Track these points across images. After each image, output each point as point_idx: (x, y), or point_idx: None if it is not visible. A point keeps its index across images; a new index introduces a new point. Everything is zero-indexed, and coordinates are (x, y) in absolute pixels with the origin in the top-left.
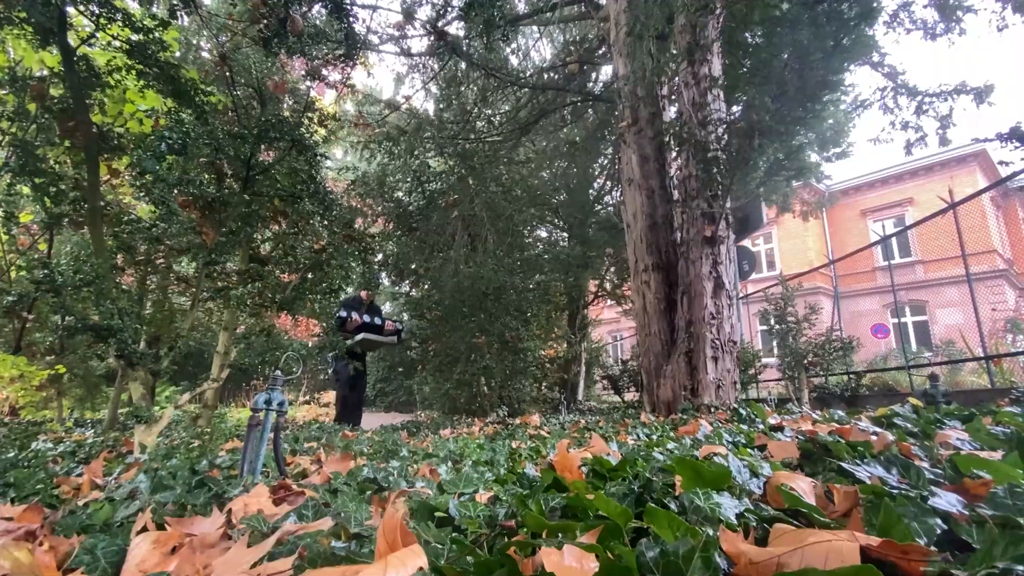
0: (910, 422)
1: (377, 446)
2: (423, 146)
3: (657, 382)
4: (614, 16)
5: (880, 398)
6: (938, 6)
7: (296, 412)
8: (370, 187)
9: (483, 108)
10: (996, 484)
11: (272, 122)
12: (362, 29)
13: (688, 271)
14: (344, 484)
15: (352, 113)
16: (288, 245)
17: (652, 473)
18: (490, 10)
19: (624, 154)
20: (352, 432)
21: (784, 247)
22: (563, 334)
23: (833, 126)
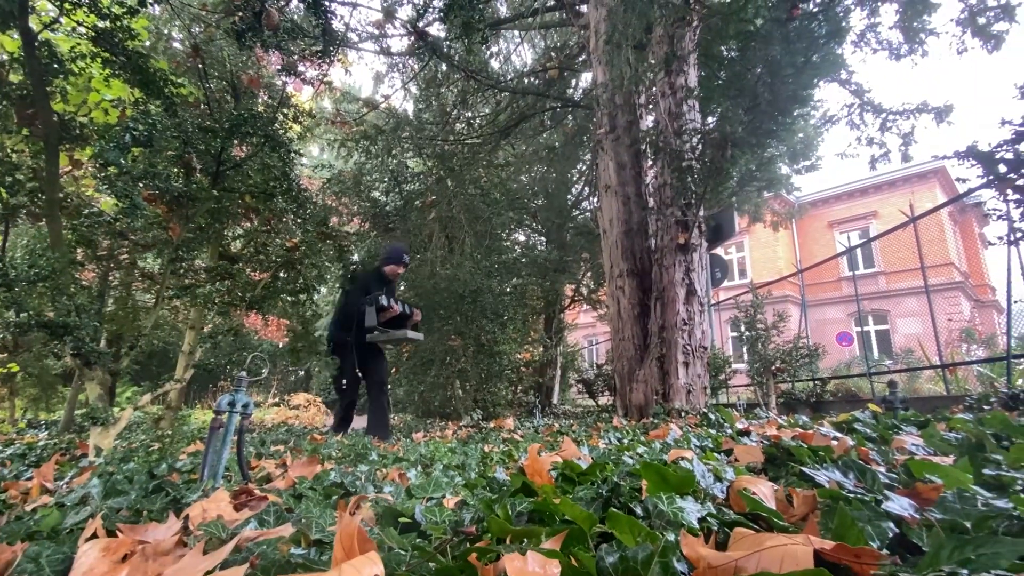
0: (869, 427)
1: (346, 450)
2: (401, 146)
3: (630, 386)
4: (594, 24)
5: (843, 404)
6: (903, 28)
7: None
8: (346, 186)
9: (463, 110)
10: (946, 488)
11: (245, 117)
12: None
13: (662, 277)
14: (309, 489)
15: (329, 110)
16: (259, 243)
17: (620, 477)
18: (470, 12)
19: (602, 160)
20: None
21: (755, 256)
22: (539, 338)
23: (803, 140)
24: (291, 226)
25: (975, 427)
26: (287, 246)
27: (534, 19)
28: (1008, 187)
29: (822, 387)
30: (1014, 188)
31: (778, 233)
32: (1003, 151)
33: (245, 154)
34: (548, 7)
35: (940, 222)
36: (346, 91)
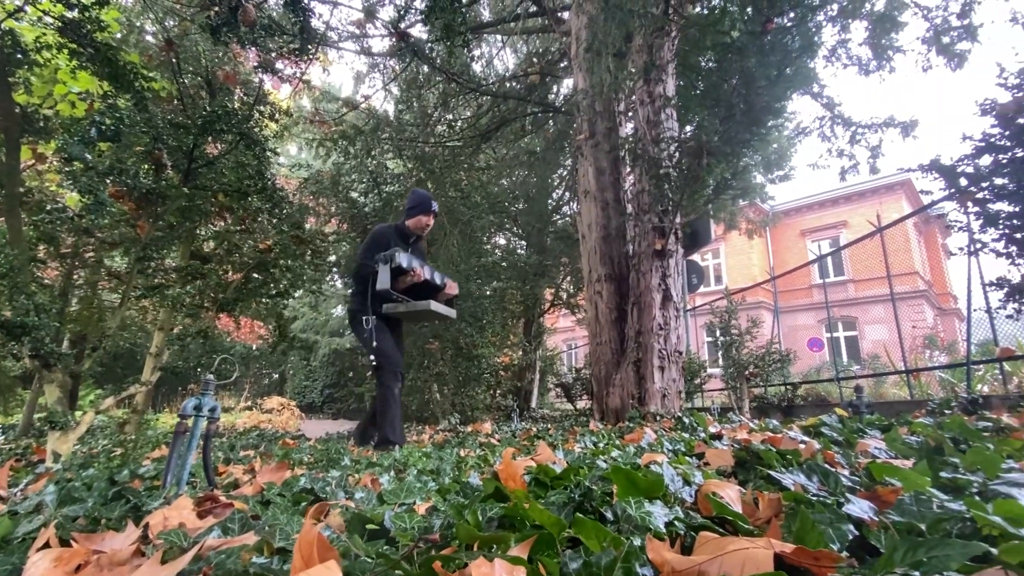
0: (836, 431)
1: (319, 455)
2: (381, 147)
3: (607, 390)
4: (575, 31)
5: (813, 408)
6: (872, 44)
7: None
8: (323, 186)
9: (444, 113)
10: (905, 491)
11: (219, 113)
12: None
13: (639, 283)
14: (278, 495)
15: (308, 109)
16: (232, 243)
17: (592, 482)
18: (451, 15)
19: (581, 166)
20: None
21: (730, 263)
22: (518, 341)
23: (777, 150)
24: (266, 226)
25: (935, 431)
26: (260, 247)
27: (516, 24)
28: (968, 200)
29: (793, 392)
30: (974, 201)
31: (753, 241)
32: (964, 165)
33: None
34: (530, 13)
35: (906, 232)
36: (326, 90)
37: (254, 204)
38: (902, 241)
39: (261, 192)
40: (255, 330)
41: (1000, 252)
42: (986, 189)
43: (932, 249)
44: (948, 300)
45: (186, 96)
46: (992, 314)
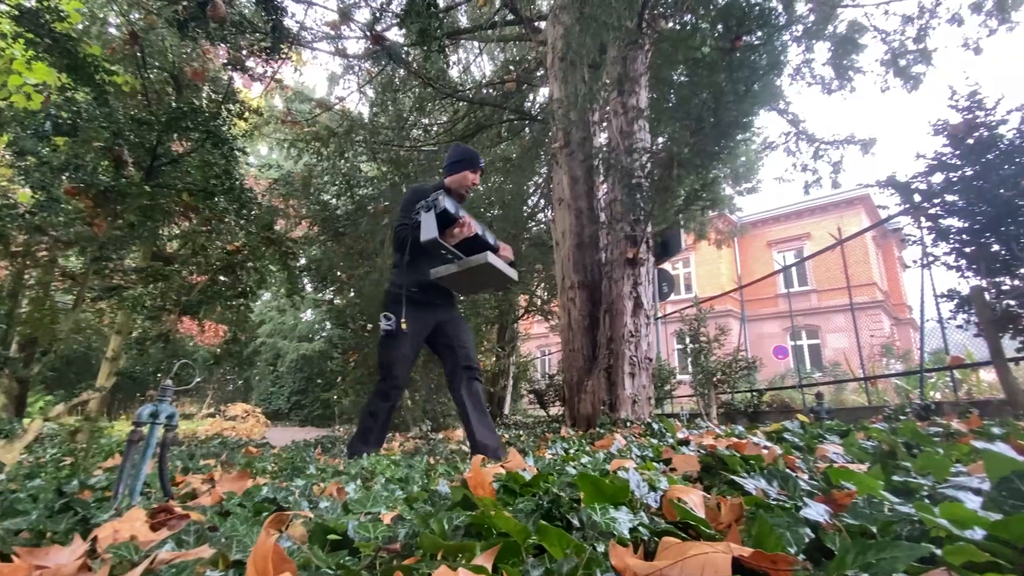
0: (797, 437)
1: (283, 463)
2: (354, 149)
3: (578, 397)
4: (551, 41)
5: (777, 414)
6: (834, 65)
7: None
8: (294, 187)
9: (420, 117)
10: (859, 494)
11: (185, 110)
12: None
13: (611, 290)
14: (238, 505)
15: (280, 109)
16: (198, 244)
17: (560, 488)
18: (427, 20)
19: (556, 174)
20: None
21: (700, 272)
22: (492, 347)
23: (745, 163)
24: (233, 227)
25: (889, 436)
26: (229, 248)
27: (493, 32)
28: (921, 215)
29: (759, 398)
30: (927, 216)
31: (721, 251)
32: (918, 182)
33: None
34: (508, 21)
35: (865, 245)
36: (299, 90)
37: (221, 204)
38: (861, 253)
39: (228, 192)
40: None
41: (951, 265)
42: (938, 205)
43: (889, 261)
44: (904, 311)
45: (151, 91)
46: (943, 324)
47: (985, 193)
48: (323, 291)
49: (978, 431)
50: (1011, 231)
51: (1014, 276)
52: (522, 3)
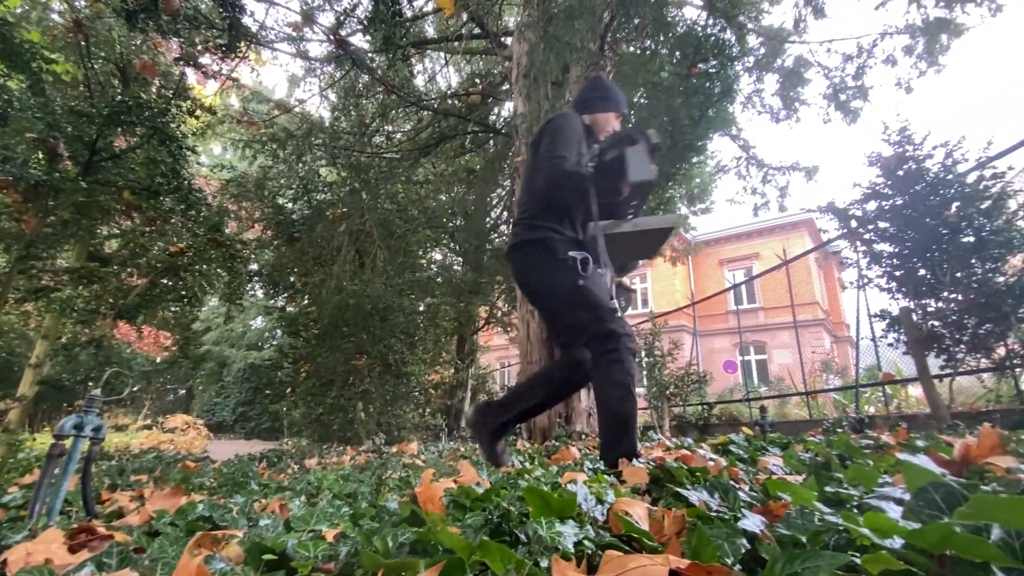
0: (742, 449)
1: (223, 479)
2: (313, 153)
3: None
4: (516, 57)
5: (726, 427)
6: (782, 96)
7: (132, 439)
8: (247, 189)
9: (383, 123)
10: (793, 505)
11: (129, 104)
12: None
13: None
14: (169, 524)
15: (236, 108)
16: (139, 244)
17: (511, 503)
18: (392, 28)
19: (518, 187)
20: (195, 464)
21: (656, 287)
22: (450, 359)
23: (699, 184)
24: (179, 228)
25: (824, 448)
26: (172, 250)
27: (459, 44)
28: (857, 239)
29: (709, 411)
30: (862, 241)
31: (676, 268)
32: (854, 209)
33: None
34: (474, 35)
35: (808, 266)
36: (257, 90)
37: (166, 204)
38: (805, 274)
39: (175, 192)
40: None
41: (883, 288)
42: (872, 231)
43: (830, 282)
44: (843, 328)
45: (94, 83)
46: (876, 343)
47: (913, 221)
48: (275, 297)
49: (904, 444)
50: (936, 257)
51: (938, 299)
52: (489, 19)
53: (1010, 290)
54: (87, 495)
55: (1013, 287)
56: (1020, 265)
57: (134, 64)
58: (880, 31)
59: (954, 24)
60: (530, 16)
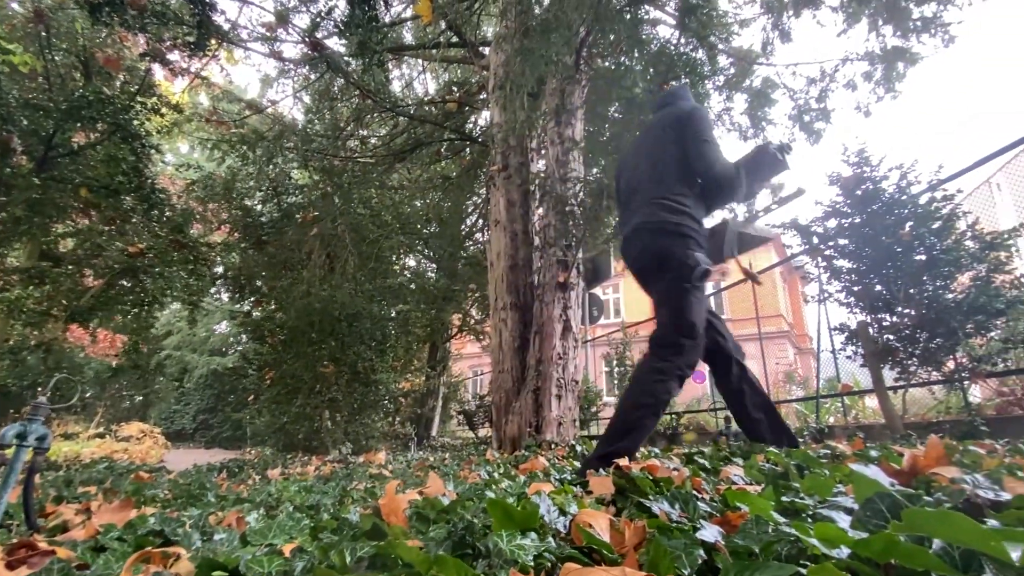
0: (706, 459)
1: (178, 490)
2: (284, 155)
3: (505, 418)
4: (494, 67)
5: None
6: (750, 115)
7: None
8: (214, 190)
9: (357, 128)
10: (751, 515)
11: (90, 99)
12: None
13: (542, 312)
14: (116, 539)
15: (206, 107)
16: (96, 244)
17: (475, 515)
18: (368, 33)
19: (493, 196)
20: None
21: (629, 298)
22: (422, 367)
23: None
24: (140, 228)
25: (783, 458)
26: (131, 251)
27: (437, 52)
28: (818, 255)
29: (678, 420)
30: (823, 257)
31: None
32: (816, 226)
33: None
34: (452, 43)
35: (774, 280)
36: (228, 89)
37: (127, 203)
38: (770, 287)
39: (136, 191)
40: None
41: (842, 302)
42: (832, 247)
43: (794, 295)
44: (805, 340)
45: (54, 75)
46: (836, 355)
47: (870, 239)
48: (241, 302)
49: (859, 454)
50: (891, 274)
51: (893, 314)
52: (468, 28)
53: (958, 306)
54: (29, 508)
55: (961, 304)
56: (968, 283)
57: (97, 57)
58: (842, 57)
59: (910, 53)
60: (507, 28)
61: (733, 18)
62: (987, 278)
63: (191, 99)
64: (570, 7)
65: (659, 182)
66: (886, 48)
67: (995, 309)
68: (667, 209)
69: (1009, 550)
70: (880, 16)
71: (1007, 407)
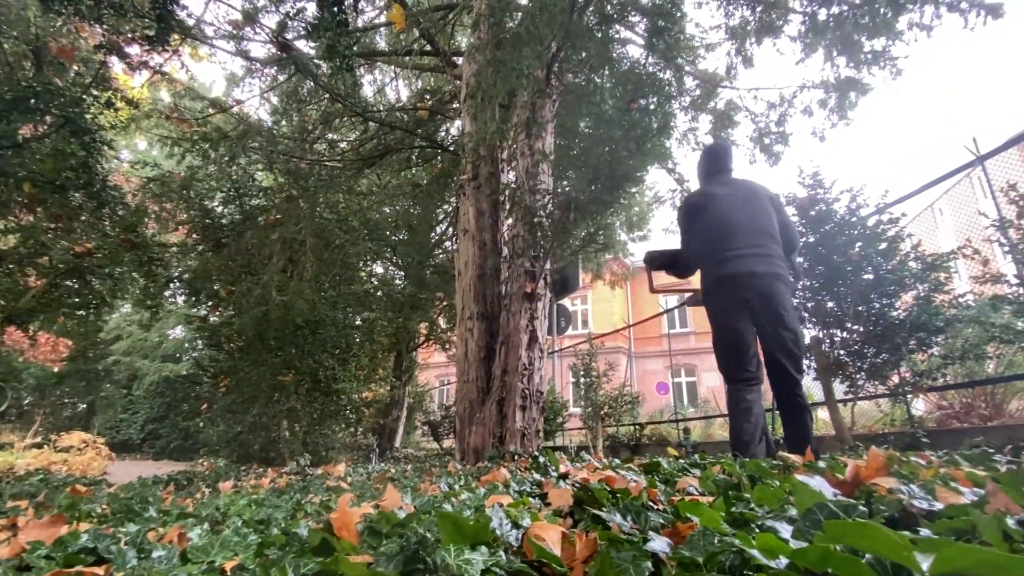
0: (663, 470)
1: (118, 505)
2: (248, 156)
3: (469, 429)
4: (466, 77)
5: (656, 447)
6: (714, 135)
7: (17, 459)
8: (171, 189)
9: (326, 131)
10: (701, 526)
11: (38, 89)
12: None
13: (508, 323)
14: (44, 558)
15: (167, 103)
16: (39, 242)
17: (428, 528)
18: (336, 36)
19: (463, 205)
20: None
21: (596, 309)
22: (386, 376)
23: (638, 213)
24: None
25: (737, 469)
26: (77, 250)
27: (409, 59)
28: None
29: (640, 431)
30: None
31: (615, 291)
32: None
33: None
34: (425, 52)
35: None
36: (190, 86)
37: (75, 200)
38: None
39: (86, 187)
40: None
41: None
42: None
43: None
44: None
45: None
46: None
47: (823, 258)
48: (197, 306)
49: (808, 464)
50: (842, 291)
51: (843, 330)
52: (442, 38)
53: (902, 324)
54: None
55: (905, 321)
56: (911, 302)
57: (51, 47)
58: (800, 84)
59: (861, 83)
60: (479, 39)
61: (699, 42)
62: (928, 297)
63: (151, 95)
64: (542, 22)
65: (770, 241)
66: (840, 78)
67: (935, 327)
68: (781, 265)
69: (919, 560)
70: (835, 47)
71: (946, 420)
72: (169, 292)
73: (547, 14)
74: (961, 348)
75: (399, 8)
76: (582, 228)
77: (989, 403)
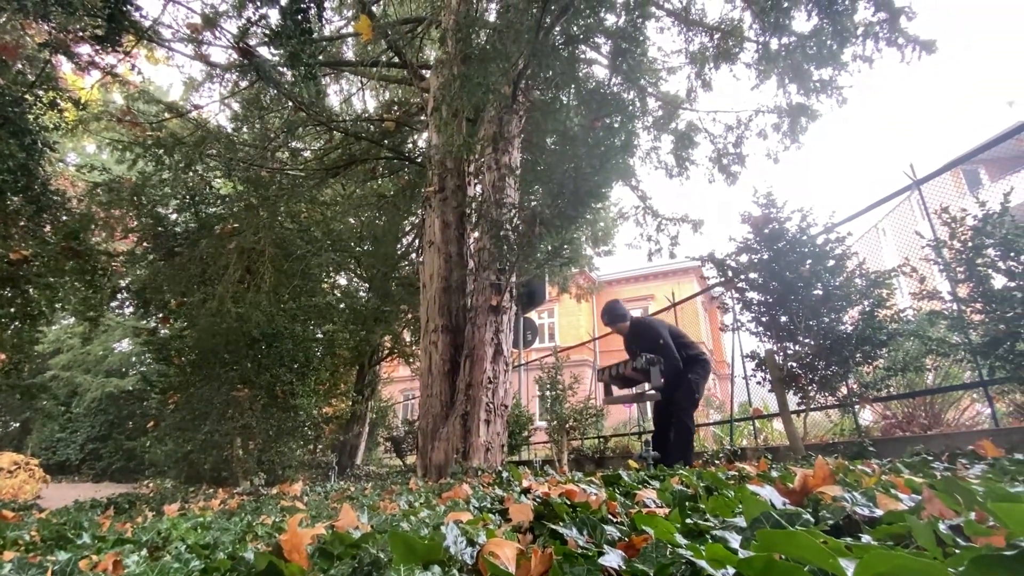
0: (623, 484)
1: (49, 532)
2: (205, 162)
3: (432, 444)
4: (434, 89)
5: (620, 460)
6: (675, 155)
7: None
8: (120, 195)
9: (288, 139)
10: (656, 538)
11: None
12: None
13: (474, 336)
14: None
15: (119, 106)
16: None
17: (382, 549)
18: (300, 45)
19: (429, 217)
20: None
21: (563, 322)
22: (348, 391)
23: (603, 228)
24: (25, 233)
25: (694, 480)
26: (12, 257)
27: (375, 70)
28: (732, 287)
29: (605, 444)
30: (736, 289)
31: (582, 304)
32: (730, 260)
33: None
34: (392, 63)
35: (696, 309)
36: (145, 89)
37: (13, 204)
38: (692, 315)
39: (24, 191)
40: None
41: (752, 331)
42: (744, 280)
43: (714, 324)
44: (724, 367)
45: None
46: (748, 380)
47: (776, 274)
48: (146, 318)
49: (762, 475)
50: (794, 306)
51: (796, 343)
52: (410, 51)
53: (849, 338)
54: None
55: (851, 335)
56: (858, 317)
57: None
58: (755, 108)
59: (811, 110)
60: (447, 53)
61: (662, 65)
62: (872, 312)
63: (102, 96)
64: (508, 40)
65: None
66: (791, 104)
67: (879, 340)
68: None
69: (844, 566)
70: (787, 75)
71: (890, 429)
72: (116, 303)
73: (514, 32)
74: (903, 360)
75: (366, 19)
76: (548, 242)
77: (928, 413)
